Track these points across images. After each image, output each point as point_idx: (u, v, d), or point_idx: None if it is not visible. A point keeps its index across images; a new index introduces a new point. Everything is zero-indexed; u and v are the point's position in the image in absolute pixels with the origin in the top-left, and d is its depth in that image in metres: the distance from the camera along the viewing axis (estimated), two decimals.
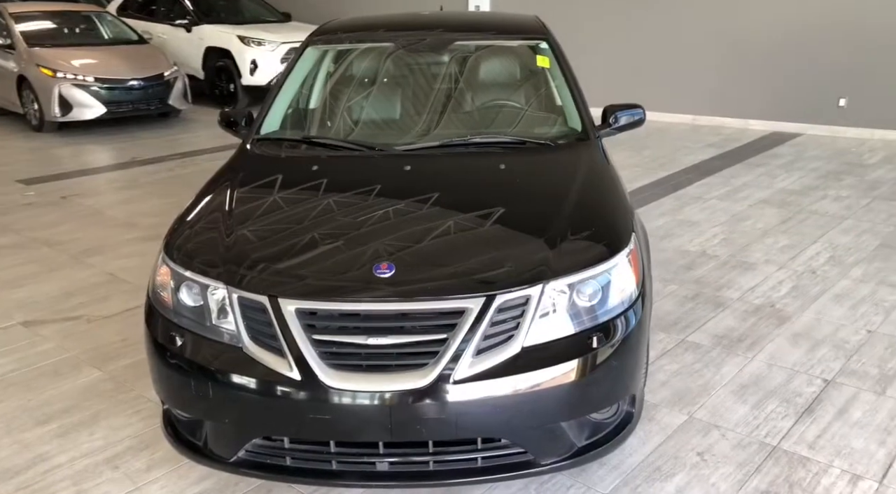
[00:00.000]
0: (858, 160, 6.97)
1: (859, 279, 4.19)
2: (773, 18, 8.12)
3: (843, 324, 3.64)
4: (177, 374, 2.33)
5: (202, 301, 2.35)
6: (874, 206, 5.53)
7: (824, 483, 2.51)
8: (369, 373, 2.14)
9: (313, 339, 2.17)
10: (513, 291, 2.20)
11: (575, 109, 3.42)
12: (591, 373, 2.23)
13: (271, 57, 10.61)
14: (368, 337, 2.16)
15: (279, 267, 2.32)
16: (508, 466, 2.25)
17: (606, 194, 2.78)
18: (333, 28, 3.90)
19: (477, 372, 2.13)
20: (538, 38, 3.74)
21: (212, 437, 2.34)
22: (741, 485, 2.50)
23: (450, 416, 2.13)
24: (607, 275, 2.33)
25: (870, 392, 3.05)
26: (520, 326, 2.19)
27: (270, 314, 2.21)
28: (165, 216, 5.79)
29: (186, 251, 2.49)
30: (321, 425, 2.17)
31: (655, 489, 2.50)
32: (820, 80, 7.96)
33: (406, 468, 2.24)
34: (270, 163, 3.17)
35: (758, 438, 2.76)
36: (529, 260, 2.31)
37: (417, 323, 2.18)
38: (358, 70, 3.79)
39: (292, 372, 2.15)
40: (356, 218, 2.57)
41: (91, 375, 3.38)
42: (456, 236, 2.47)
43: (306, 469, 2.27)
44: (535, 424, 2.22)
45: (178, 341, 2.33)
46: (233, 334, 2.26)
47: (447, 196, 2.72)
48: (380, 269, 2.26)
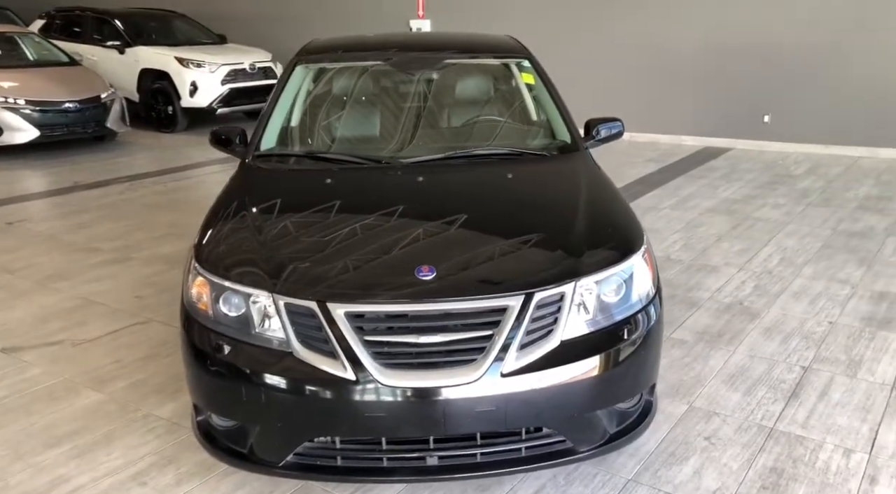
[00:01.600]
0: (786, 171, 7.52)
1: (811, 277, 4.55)
2: (701, 40, 8.68)
3: (806, 318, 3.97)
4: (225, 382, 2.36)
5: (244, 309, 2.40)
6: (809, 212, 5.99)
7: (822, 458, 2.75)
8: (421, 370, 2.24)
9: (365, 340, 2.26)
10: (549, 289, 2.35)
11: (562, 122, 3.63)
12: (622, 364, 2.40)
13: (211, 78, 10.51)
14: (420, 336, 2.26)
15: (324, 274, 2.40)
16: (550, 454, 2.39)
17: (612, 199, 2.98)
18: (319, 48, 3.99)
19: (522, 365, 2.26)
20: (520, 56, 3.94)
21: (259, 443, 2.38)
22: (750, 464, 2.72)
23: (499, 408, 2.25)
24: (629, 273, 2.52)
25: (843, 375, 3.35)
26: (557, 321, 2.34)
27: (321, 318, 2.28)
28: (128, 239, 5.70)
29: (223, 263, 2.53)
30: (376, 423, 2.25)
31: (674, 472, 2.69)
32: (746, 98, 8.55)
33: (455, 461, 2.34)
34: (282, 178, 3.23)
35: (755, 421, 2.99)
36: (560, 260, 2.47)
37: (462, 321, 2.30)
38: (351, 87, 3.89)
39: (346, 372, 2.23)
40: (386, 226, 2.67)
41: (90, 397, 3.32)
42: (485, 240, 2.61)
43: (357, 467, 2.34)
44: (575, 413, 2.36)
45: (225, 349, 2.36)
46: (281, 340, 2.32)
47: (467, 204, 2.86)
48: (422, 272, 2.37)
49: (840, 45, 7.91)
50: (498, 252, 2.54)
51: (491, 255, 2.51)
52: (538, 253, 2.52)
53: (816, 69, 8.08)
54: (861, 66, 7.85)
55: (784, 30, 8.15)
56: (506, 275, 2.40)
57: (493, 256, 2.51)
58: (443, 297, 2.30)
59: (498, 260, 2.48)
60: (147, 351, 3.77)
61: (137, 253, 5.37)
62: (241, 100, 10.95)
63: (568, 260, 2.47)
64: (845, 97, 7.99)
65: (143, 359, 3.67)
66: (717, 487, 2.59)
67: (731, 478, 2.64)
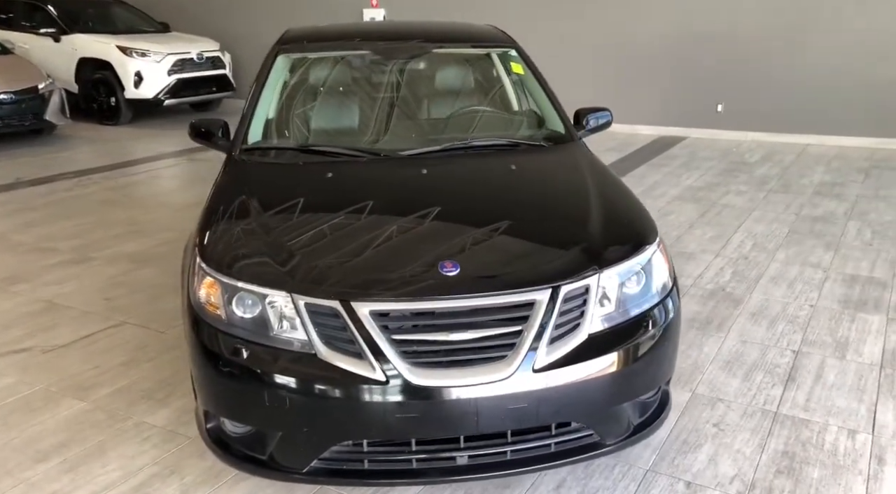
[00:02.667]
0: (742, 159, 7.71)
1: (785, 262, 4.67)
2: (655, 32, 8.81)
3: (788, 302, 4.07)
4: (244, 388, 2.25)
5: (259, 311, 2.29)
6: (771, 199, 6.15)
7: (829, 440, 2.81)
8: (451, 369, 2.18)
9: (392, 339, 2.18)
10: (575, 281, 2.31)
11: (554, 112, 3.60)
12: (647, 355, 2.38)
13: (157, 68, 10.12)
14: (450, 333, 2.20)
15: (345, 272, 2.31)
16: (579, 449, 2.36)
17: (621, 190, 2.97)
18: (300, 37, 3.85)
19: (553, 360, 2.22)
20: (507, 45, 3.90)
21: (281, 449, 2.28)
22: (762, 449, 2.76)
23: (531, 404, 2.21)
24: (648, 264, 2.51)
25: (833, 357, 3.44)
26: (584, 315, 2.31)
27: (345, 318, 2.19)
28: (85, 238, 5.43)
29: (234, 263, 2.40)
30: (407, 424, 2.18)
31: (689, 460, 2.71)
32: (699, 87, 8.73)
33: (485, 459, 2.29)
34: (281, 173, 3.11)
35: (758, 406, 3.04)
36: (581, 253, 2.44)
37: (490, 317, 2.24)
38: (339, 78, 3.77)
39: (375, 373, 2.15)
40: (400, 221, 2.59)
41: (73, 407, 3.13)
42: (504, 233, 2.56)
43: (386, 470, 2.27)
44: (605, 406, 2.34)
45: (243, 353, 2.25)
46: (303, 341, 2.22)
47: (478, 196, 2.81)
48: (445, 267, 2.30)
49: (787, 36, 8.15)
50: (519, 245, 2.49)
51: (512, 248, 2.46)
52: (559, 246, 2.48)
53: (766, 59, 8.30)
54: (807, 56, 8.11)
55: (734, 21, 8.35)
56: (531, 269, 2.36)
57: (515, 249, 2.46)
58: (469, 293, 2.24)
59: (520, 254, 2.43)
60: (126, 355, 3.59)
61: (98, 253, 5.12)
62: (188, 92, 10.58)
63: (589, 252, 2.44)
64: (793, 87, 8.24)
65: (124, 365, 3.50)
66: (735, 473, 2.62)
67: (746, 464, 2.67)
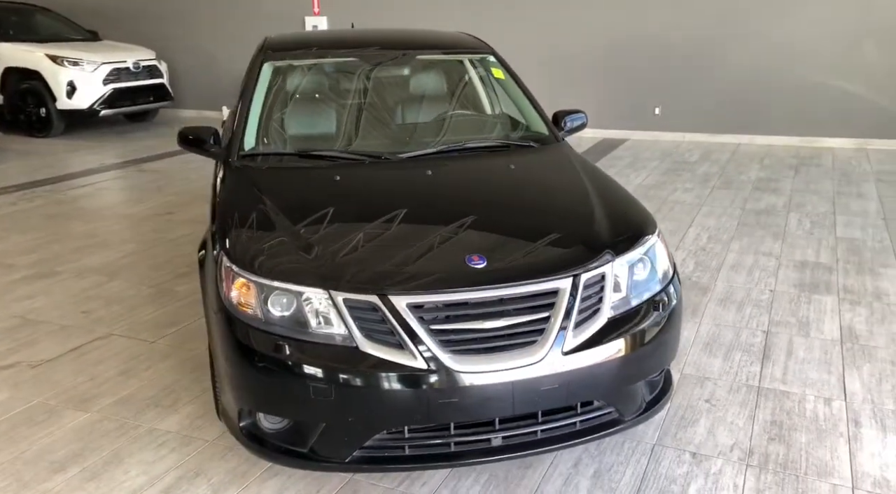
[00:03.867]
0: (683, 158, 8.13)
1: (740, 251, 5.01)
2: (594, 36, 9.18)
3: (750, 288, 4.38)
4: (288, 384, 2.32)
5: (294, 308, 2.37)
6: (717, 195, 6.54)
7: (809, 408, 3.08)
8: (487, 355, 2.31)
9: (431, 329, 2.30)
10: (592, 270, 2.49)
11: (536, 115, 3.79)
12: (659, 336, 2.57)
13: (92, 78, 9.85)
14: (484, 322, 2.33)
15: (379, 268, 2.41)
16: (601, 425, 2.53)
17: (614, 185, 3.17)
18: (284, 45, 3.92)
19: (580, 342, 2.38)
20: (486, 52, 4.07)
21: (323, 441, 2.35)
22: (752, 420, 3.00)
23: (562, 385, 2.36)
24: (652, 252, 2.71)
25: (799, 336, 3.74)
26: (602, 300, 2.49)
27: (385, 311, 2.30)
28: (43, 252, 5.29)
29: (266, 263, 2.46)
30: (449, 408, 2.29)
31: (690, 433, 2.92)
32: (638, 91, 9.15)
33: (517, 439, 2.43)
34: (289, 177, 3.16)
35: (742, 382, 3.29)
36: (594, 243, 2.61)
37: (519, 305, 2.38)
38: (327, 84, 3.85)
39: (417, 361, 2.26)
40: (419, 219, 2.71)
41: (78, 418, 3.10)
42: (519, 227, 2.71)
43: (426, 455, 2.38)
44: (625, 384, 2.52)
45: (286, 350, 2.32)
46: (344, 335, 2.31)
47: (486, 194, 2.95)
48: (472, 261, 2.43)
49: (718, 42, 8.65)
50: (535, 237, 2.64)
51: (530, 241, 2.61)
52: (573, 238, 2.65)
53: (698, 65, 8.79)
54: (736, 62, 8.63)
55: (668, 28, 8.80)
56: (552, 259, 2.51)
57: (533, 242, 2.61)
58: (497, 283, 2.38)
59: (538, 245, 2.59)
60: (121, 366, 3.56)
61: (62, 267, 5.00)
62: (125, 102, 10.33)
63: (600, 242, 2.62)
64: (725, 89, 8.75)
65: (121, 375, 3.47)
66: (733, 442, 2.85)
67: (741, 434, 2.91)
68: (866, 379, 3.31)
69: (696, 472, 2.67)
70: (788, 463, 2.71)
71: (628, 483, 2.63)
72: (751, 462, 2.72)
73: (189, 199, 6.76)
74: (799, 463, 2.71)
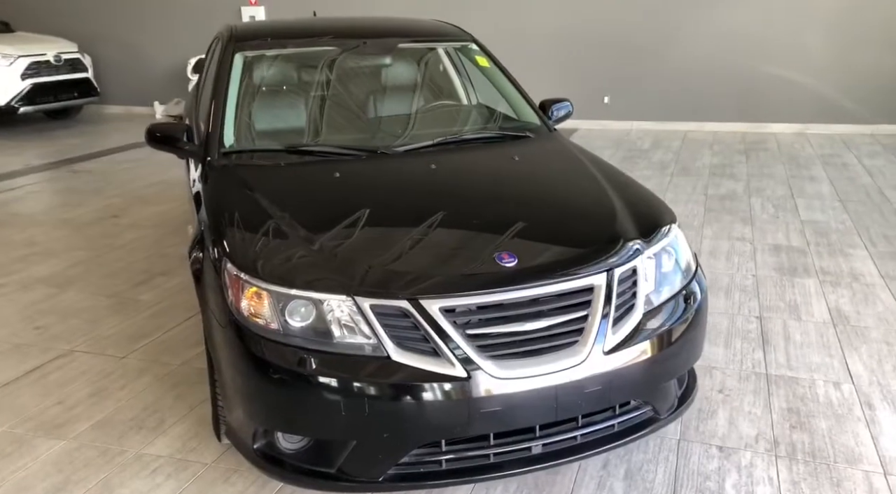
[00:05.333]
0: (636, 146, 8.18)
1: (714, 237, 5.03)
2: (544, 27, 9.13)
3: (732, 273, 4.38)
4: (314, 400, 2.11)
5: (313, 317, 2.17)
6: (677, 182, 6.59)
7: (821, 393, 3.07)
8: (528, 358, 2.16)
9: (466, 334, 2.14)
10: (625, 264, 2.37)
11: (525, 104, 3.67)
12: (690, 329, 2.48)
13: (8, 72, 9.20)
14: (523, 324, 2.18)
15: (406, 271, 2.23)
16: (639, 425, 2.42)
17: (624, 176, 3.07)
18: (254, 33, 3.65)
19: (619, 340, 2.27)
20: (466, 40, 3.91)
21: (354, 459, 2.16)
22: (769, 408, 2.96)
23: (604, 386, 2.24)
24: (675, 242, 2.62)
25: (792, 319, 3.76)
26: (636, 296, 2.38)
27: (417, 316, 2.12)
28: None
29: (280, 271, 2.24)
30: (491, 418, 2.14)
31: (711, 426, 2.86)
32: (588, 81, 9.16)
33: (557, 446, 2.30)
34: (284, 175, 2.93)
35: (749, 370, 3.26)
36: (622, 235, 2.50)
37: (554, 304, 2.25)
38: (307, 76, 3.60)
39: (455, 369, 2.09)
40: (435, 216, 2.53)
41: (53, 447, 2.80)
42: (540, 221, 2.57)
43: (464, 468, 2.22)
44: (663, 380, 2.42)
45: (311, 363, 2.11)
46: (373, 345, 2.12)
47: (499, 187, 2.80)
48: (503, 259, 2.28)
49: (664, 32, 8.74)
50: (562, 232, 2.52)
51: (557, 236, 2.48)
52: (599, 231, 2.53)
53: (647, 53, 8.87)
54: (684, 49, 8.75)
55: (616, 19, 8.84)
56: (584, 254, 2.38)
57: (560, 236, 2.48)
58: (531, 282, 2.23)
59: (568, 240, 2.45)
60: (91, 386, 3.25)
61: (4, 278, 4.58)
62: (46, 98, 9.68)
63: (627, 235, 2.50)
64: (673, 78, 8.86)
65: (93, 396, 3.16)
66: (756, 433, 2.80)
67: (762, 423, 2.86)
68: (867, 360, 3.33)
69: (727, 466, 2.61)
70: (816, 452, 2.68)
71: (662, 481, 2.54)
72: (779, 453, 2.68)
73: (133, 201, 6.35)
74: (826, 451, 2.68)
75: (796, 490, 2.48)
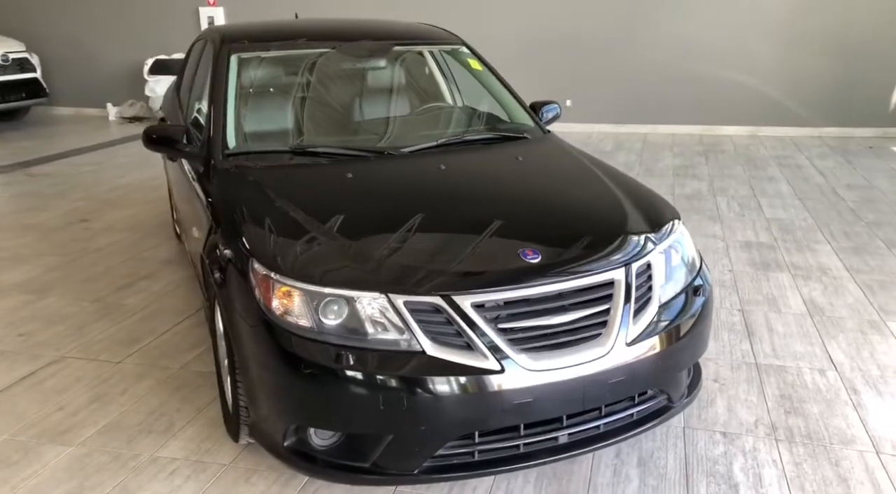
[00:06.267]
0: (598, 148, 8.38)
1: None
2: (507, 32, 9.27)
3: (710, 269, 4.54)
4: (352, 396, 2.14)
5: (346, 314, 2.20)
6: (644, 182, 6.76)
7: (809, 380, 3.24)
8: (556, 351, 2.24)
9: (498, 328, 2.21)
10: (641, 258, 2.48)
11: (518, 106, 3.76)
12: (700, 319, 2.60)
13: None
14: (551, 317, 2.26)
15: (436, 267, 2.28)
16: (655, 413, 2.53)
17: (622, 174, 3.18)
18: (245, 35, 3.63)
19: (640, 331, 2.37)
20: (456, 43, 3.97)
21: (390, 453, 2.20)
22: (764, 395, 3.11)
23: (627, 376, 2.33)
24: (681, 238, 2.74)
25: (772, 312, 3.94)
26: (651, 289, 2.48)
27: (450, 312, 2.18)
28: None
29: (311, 269, 2.27)
30: (523, 409, 2.20)
31: (712, 413, 2.99)
32: (550, 85, 9.28)
33: (582, 435, 2.38)
34: (300, 176, 2.94)
35: (740, 360, 3.42)
36: (635, 231, 2.60)
37: (577, 298, 2.33)
38: (306, 77, 3.60)
39: (489, 362, 2.16)
40: (454, 215, 2.59)
41: (62, 453, 2.74)
42: (557, 217, 2.66)
43: (495, 459, 2.28)
44: (679, 369, 2.54)
45: (348, 360, 2.14)
46: (408, 340, 2.17)
47: (511, 187, 2.87)
48: (527, 255, 2.36)
49: (623, 37, 8.99)
50: (578, 228, 2.60)
51: (576, 232, 2.56)
52: (613, 227, 2.62)
53: (608, 58, 9.10)
54: (643, 54, 9.00)
55: (579, 24, 9.05)
56: (603, 250, 2.47)
57: (577, 233, 2.56)
58: (556, 277, 2.32)
59: (585, 237, 2.53)
60: (90, 392, 3.19)
61: None
62: None
63: (640, 231, 2.61)
64: (632, 82, 9.11)
65: (95, 402, 3.11)
66: (755, 419, 2.94)
67: (759, 409, 3.01)
68: (845, 348, 3.52)
69: (733, 451, 2.74)
70: (812, 435, 2.83)
71: (674, 467, 2.65)
72: (778, 437, 2.82)
73: (100, 205, 6.20)
74: (822, 434, 2.84)
75: (799, 470, 2.62)
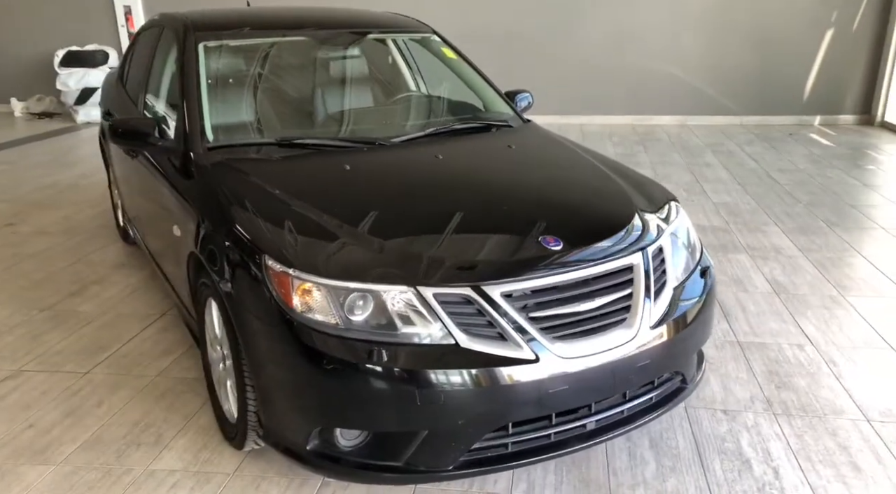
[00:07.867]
0: None
1: None
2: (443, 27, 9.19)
3: None
4: (386, 393, 2.05)
5: (371, 309, 2.11)
6: None
7: (790, 355, 3.36)
8: (587, 337, 2.22)
9: (529, 317, 2.17)
10: (654, 243, 2.49)
11: (495, 95, 3.73)
12: (710, 301, 2.63)
13: None
14: (579, 304, 2.24)
15: (462, 258, 2.21)
16: (671, 395, 2.55)
17: (612, 160, 3.19)
18: (212, 23, 3.44)
19: (661, 314, 2.38)
20: (426, 32, 3.90)
21: (425, 450, 2.12)
22: (752, 371, 3.20)
23: (652, 360, 2.33)
24: (683, 221, 2.78)
25: (741, 292, 4.06)
26: (665, 272, 2.50)
27: (481, 302, 2.12)
28: None
29: (333, 263, 2.16)
30: (558, 397, 2.17)
31: (708, 392, 3.04)
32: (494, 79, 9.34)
33: (607, 421, 2.37)
34: (295, 169, 2.80)
35: (722, 339, 3.50)
36: (644, 216, 2.61)
37: (600, 284, 2.32)
38: (280, 66, 3.44)
39: (524, 352, 2.11)
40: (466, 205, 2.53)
41: (44, 473, 2.53)
42: (567, 204, 2.64)
43: (529, 449, 2.24)
44: (695, 350, 2.57)
45: (380, 356, 2.05)
46: (440, 333, 2.10)
47: (514, 175, 2.83)
48: (549, 243, 2.32)
49: (558, 32, 9.11)
50: (591, 215, 2.59)
51: (589, 218, 2.55)
52: (623, 212, 2.60)
53: (545, 51, 9.20)
54: (578, 47, 9.16)
55: (516, 17, 9.11)
56: (620, 234, 2.46)
57: (592, 219, 2.55)
58: (579, 264, 2.29)
59: (600, 223, 2.52)
60: (61, 405, 2.96)
61: None
62: None
63: (647, 215, 2.63)
64: (568, 75, 9.24)
65: (68, 416, 2.88)
66: (750, 395, 3.02)
67: (751, 385, 3.09)
68: (816, 323, 3.67)
69: (737, 428, 2.80)
70: (806, 407, 2.93)
71: (686, 446, 2.68)
72: (776, 411, 2.90)
73: (26, 207, 5.79)
74: (814, 405, 2.94)
75: (802, 442, 2.71)
